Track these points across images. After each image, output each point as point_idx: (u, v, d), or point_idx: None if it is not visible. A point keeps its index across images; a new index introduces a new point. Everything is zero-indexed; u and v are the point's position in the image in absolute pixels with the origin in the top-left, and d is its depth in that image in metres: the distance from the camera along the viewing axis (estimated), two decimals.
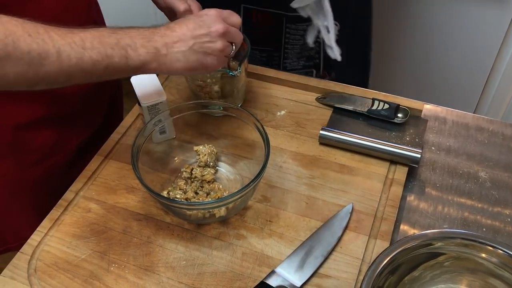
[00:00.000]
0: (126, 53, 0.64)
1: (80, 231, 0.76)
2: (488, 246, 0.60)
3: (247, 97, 0.95)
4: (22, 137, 0.84)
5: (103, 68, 0.63)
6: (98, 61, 0.62)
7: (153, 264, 0.72)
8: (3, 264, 0.73)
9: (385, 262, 0.59)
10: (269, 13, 1.03)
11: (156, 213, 0.78)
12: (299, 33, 1.04)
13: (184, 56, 0.68)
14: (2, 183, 0.88)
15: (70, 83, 0.64)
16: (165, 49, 0.67)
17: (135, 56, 0.65)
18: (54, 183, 0.81)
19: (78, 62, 0.61)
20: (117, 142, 0.88)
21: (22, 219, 0.76)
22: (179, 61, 0.68)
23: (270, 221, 0.76)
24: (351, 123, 0.88)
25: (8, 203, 0.92)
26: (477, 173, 0.83)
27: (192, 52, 0.69)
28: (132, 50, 0.65)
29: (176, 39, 0.68)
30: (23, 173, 0.87)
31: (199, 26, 0.70)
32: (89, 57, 0.61)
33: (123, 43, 0.64)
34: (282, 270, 0.69)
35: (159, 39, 0.67)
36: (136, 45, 0.65)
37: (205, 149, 0.82)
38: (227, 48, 0.72)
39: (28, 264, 0.72)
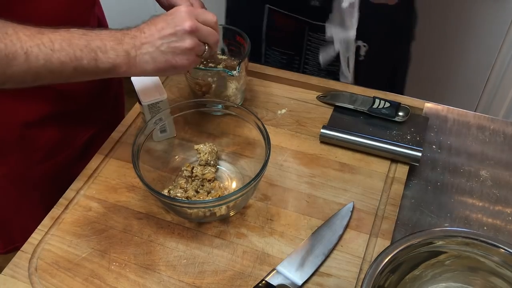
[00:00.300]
0: (95, 56, 0.64)
1: (80, 230, 0.76)
2: (489, 245, 0.60)
3: (248, 96, 0.95)
4: (29, 135, 0.84)
5: (72, 70, 0.63)
6: (66, 63, 0.62)
7: (153, 263, 0.71)
8: (5, 263, 0.73)
9: (386, 261, 0.59)
10: (293, 18, 1.02)
11: (157, 211, 0.78)
12: (321, 43, 1.03)
13: (151, 57, 0.68)
14: (10, 180, 0.88)
15: (38, 83, 0.64)
16: (134, 51, 0.67)
17: (104, 58, 0.65)
18: (60, 180, 0.81)
19: (46, 63, 0.61)
20: (117, 140, 0.88)
21: (29, 217, 0.76)
22: (147, 62, 0.68)
23: (270, 219, 0.76)
24: (352, 122, 0.88)
25: (15, 201, 0.92)
26: (478, 172, 0.83)
27: (160, 53, 0.68)
28: (102, 52, 0.64)
29: (144, 41, 0.68)
30: (30, 170, 0.87)
31: (167, 25, 0.69)
32: (57, 59, 0.61)
33: (93, 45, 0.64)
34: (283, 269, 0.69)
35: (129, 41, 0.67)
36: (106, 47, 0.65)
37: (206, 148, 0.82)
38: (198, 47, 0.70)
39: (29, 262, 0.72)
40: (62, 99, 0.85)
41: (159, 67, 0.69)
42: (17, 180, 0.88)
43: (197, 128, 0.85)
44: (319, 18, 0.98)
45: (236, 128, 0.84)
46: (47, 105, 0.84)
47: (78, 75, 0.64)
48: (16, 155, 0.85)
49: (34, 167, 0.87)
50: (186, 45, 0.69)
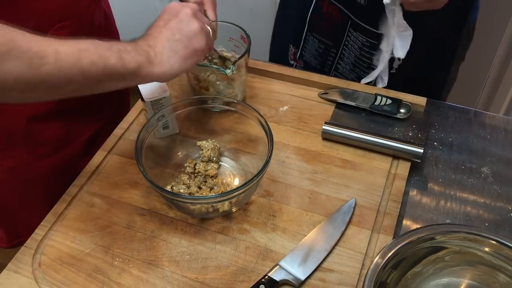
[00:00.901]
0: (120, 55, 0.63)
1: (84, 226, 0.76)
2: (491, 240, 0.60)
3: (249, 93, 0.95)
4: (35, 128, 0.85)
5: (102, 70, 0.62)
6: (96, 61, 0.61)
7: (157, 258, 0.72)
8: (6, 260, 0.73)
9: (389, 256, 0.60)
10: (338, 9, 1.01)
11: (160, 207, 0.78)
12: (358, 44, 1.02)
13: (171, 50, 0.68)
14: (15, 174, 0.89)
15: (69, 88, 0.63)
16: (152, 51, 0.67)
17: (129, 58, 0.64)
18: (65, 175, 0.81)
19: (77, 62, 0.60)
20: (120, 137, 0.88)
21: (34, 211, 0.77)
22: (170, 57, 0.67)
23: (273, 215, 0.76)
24: (354, 119, 0.89)
25: (20, 195, 0.92)
26: (479, 168, 0.84)
27: (176, 42, 0.68)
28: (125, 53, 0.64)
29: (156, 40, 0.68)
30: (35, 164, 0.88)
31: (168, 19, 0.69)
32: (86, 57, 0.61)
33: (115, 48, 0.64)
34: (286, 264, 0.69)
35: (142, 43, 0.67)
36: (126, 49, 0.65)
37: (208, 144, 0.82)
38: (205, 27, 0.72)
39: (32, 258, 0.72)
40: None
41: (182, 56, 0.68)
42: (22, 174, 0.89)
43: (199, 124, 0.86)
44: (361, 16, 0.97)
45: (238, 125, 0.84)
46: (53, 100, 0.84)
47: (108, 76, 0.63)
48: (21, 149, 0.86)
49: (39, 161, 0.88)
50: (196, 25, 0.69)
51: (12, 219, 0.98)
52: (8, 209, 0.97)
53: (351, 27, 1.01)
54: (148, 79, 0.68)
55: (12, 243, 0.99)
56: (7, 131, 0.84)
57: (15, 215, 0.96)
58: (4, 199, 0.95)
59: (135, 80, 0.67)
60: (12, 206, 0.95)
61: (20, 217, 0.94)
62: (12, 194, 0.93)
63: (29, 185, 0.90)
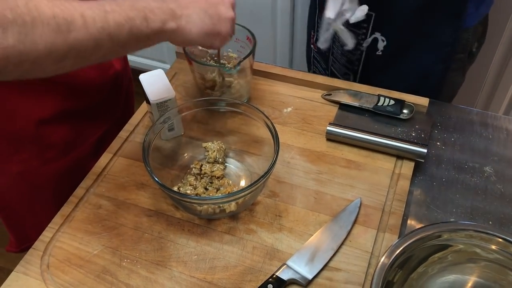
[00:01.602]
0: (145, 15, 0.63)
1: (91, 227, 0.76)
2: (498, 238, 0.61)
3: (254, 95, 0.96)
4: (44, 132, 0.85)
5: (127, 32, 0.62)
6: (121, 23, 0.61)
7: (164, 259, 0.72)
8: (9, 263, 0.73)
9: (397, 254, 0.60)
10: None
11: (167, 209, 0.78)
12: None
13: (199, 18, 0.67)
14: (24, 178, 0.89)
15: (99, 53, 0.61)
16: (180, 11, 0.66)
17: (153, 16, 0.64)
18: (73, 177, 0.82)
19: (104, 25, 0.59)
20: (125, 139, 0.89)
21: (43, 215, 0.77)
22: (194, 23, 0.67)
23: (279, 216, 0.77)
24: (357, 119, 0.89)
25: (30, 199, 0.93)
26: (482, 168, 0.84)
27: (207, 15, 0.68)
28: (149, 11, 0.63)
29: (189, 1, 0.68)
30: (44, 167, 0.88)
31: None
32: (112, 20, 0.60)
33: (139, 6, 0.63)
34: (293, 264, 0.70)
35: (171, 2, 0.66)
36: (151, 7, 0.64)
37: (214, 146, 0.83)
38: (234, 22, 0.72)
39: (40, 259, 0.73)
40: (75, 96, 0.86)
41: (205, 30, 0.68)
42: (31, 178, 0.89)
43: (204, 126, 0.86)
44: None
45: (243, 126, 0.85)
46: (61, 102, 0.85)
47: (133, 39, 0.63)
48: (31, 152, 0.86)
49: (47, 164, 0.88)
50: (231, 14, 0.71)
51: (21, 223, 0.98)
52: (17, 214, 0.97)
53: None
54: (170, 39, 0.68)
55: (22, 247, 1.00)
56: (17, 135, 0.84)
57: (24, 219, 0.96)
58: (13, 204, 0.95)
59: (158, 40, 0.67)
60: (21, 210, 0.96)
61: (29, 221, 0.94)
62: (21, 198, 0.93)
63: (37, 189, 0.91)
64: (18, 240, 1.01)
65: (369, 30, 1.00)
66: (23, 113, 0.83)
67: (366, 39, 1.01)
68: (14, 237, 1.04)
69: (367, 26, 1.00)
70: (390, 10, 0.96)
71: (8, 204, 0.98)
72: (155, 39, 0.66)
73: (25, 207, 0.94)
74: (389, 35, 1.00)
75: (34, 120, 0.83)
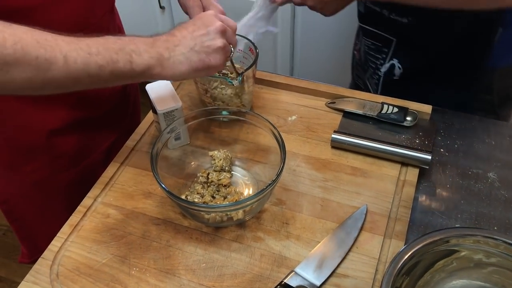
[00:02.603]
0: (130, 58, 0.66)
1: (100, 236, 0.77)
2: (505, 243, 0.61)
3: (258, 103, 0.97)
4: (55, 142, 0.86)
5: (109, 73, 0.65)
6: (104, 66, 0.64)
7: (173, 267, 0.73)
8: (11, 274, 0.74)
9: (405, 259, 0.61)
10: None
11: (174, 217, 0.79)
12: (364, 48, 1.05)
13: (186, 58, 0.69)
14: (38, 188, 0.90)
15: (77, 88, 0.66)
16: (168, 53, 0.68)
17: (139, 60, 0.66)
18: (84, 187, 0.83)
19: (85, 67, 0.62)
20: (132, 149, 0.90)
21: (54, 225, 0.78)
22: (182, 63, 0.69)
23: (286, 223, 0.77)
24: (362, 127, 0.90)
25: (41, 209, 0.93)
26: (486, 174, 0.85)
27: (194, 52, 0.70)
28: (136, 55, 0.66)
29: (177, 43, 0.69)
30: (56, 178, 0.89)
31: (198, 28, 0.71)
32: (95, 62, 0.63)
33: (128, 49, 0.66)
34: (301, 271, 0.70)
35: (161, 44, 0.69)
36: (139, 50, 0.66)
37: (220, 154, 0.84)
38: (227, 47, 0.73)
39: (50, 269, 0.73)
40: (86, 106, 0.87)
41: (194, 67, 0.70)
42: (43, 188, 0.90)
43: (210, 135, 0.87)
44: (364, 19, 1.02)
45: (248, 135, 0.86)
46: (72, 112, 0.86)
47: (114, 78, 0.66)
48: (42, 162, 0.87)
49: (60, 174, 0.89)
50: (219, 43, 0.71)
51: (33, 233, 0.99)
52: (30, 224, 0.98)
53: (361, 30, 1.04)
54: (155, 79, 0.70)
55: (34, 258, 1.00)
56: (29, 145, 0.86)
57: (36, 229, 0.97)
58: (26, 214, 0.96)
59: (142, 79, 0.69)
60: (34, 220, 0.96)
61: (41, 231, 0.95)
62: (34, 209, 0.94)
63: (49, 198, 0.92)
64: (30, 251, 1.01)
65: (389, 55, 1.02)
66: (35, 124, 0.84)
67: (384, 64, 1.03)
68: (26, 248, 1.04)
69: (387, 51, 1.01)
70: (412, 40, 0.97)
71: (21, 215, 0.98)
72: (141, 79, 0.69)
73: (38, 217, 0.95)
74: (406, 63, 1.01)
75: (46, 131, 0.84)
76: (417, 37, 0.96)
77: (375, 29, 1.01)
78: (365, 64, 1.11)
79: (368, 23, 1.02)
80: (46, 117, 0.86)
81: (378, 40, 1.02)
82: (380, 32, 1.00)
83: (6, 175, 0.92)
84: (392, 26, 0.96)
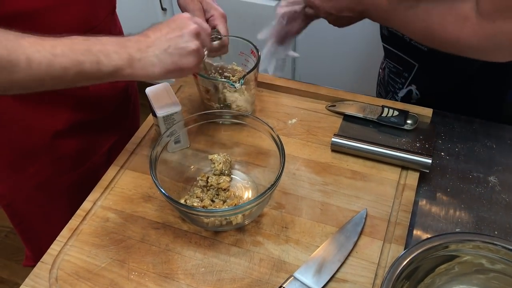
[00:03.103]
0: (97, 59, 0.65)
1: (99, 240, 0.77)
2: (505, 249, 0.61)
3: (258, 106, 0.97)
4: (58, 144, 0.87)
5: (74, 74, 0.64)
6: (69, 67, 0.63)
7: (172, 272, 0.73)
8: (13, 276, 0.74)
9: (404, 265, 0.61)
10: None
11: (174, 221, 0.79)
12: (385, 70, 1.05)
13: (159, 59, 0.69)
14: (41, 190, 0.90)
15: (42, 89, 0.65)
16: (139, 54, 0.68)
17: (107, 62, 0.66)
18: (86, 189, 0.83)
19: (48, 69, 0.62)
20: (132, 152, 0.90)
21: (58, 228, 0.78)
22: (154, 65, 0.69)
23: (285, 227, 0.77)
24: (362, 130, 0.90)
25: (46, 211, 0.94)
26: (486, 178, 0.85)
27: (168, 54, 0.69)
28: (104, 56, 0.65)
29: (150, 44, 0.69)
30: (60, 179, 0.89)
31: (172, 30, 0.70)
32: (59, 64, 0.62)
33: (95, 50, 0.65)
34: (300, 275, 0.70)
35: (132, 45, 0.68)
36: (108, 51, 0.66)
37: (220, 158, 0.84)
38: (201, 49, 0.73)
39: (49, 273, 0.73)
40: (88, 108, 0.88)
41: (166, 69, 0.70)
42: (47, 190, 0.90)
43: (210, 138, 0.87)
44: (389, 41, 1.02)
45: (248, 138, 0.86)
46: (74, 114, 0.86)
47: (81, 79, 0.65)
48: (46, 165, 0.88)
49: (63, 176, 0.90)
50: (193, 46, 0.70)
51: (37, 236, 0.99)
52: (33, 227, 0.98)
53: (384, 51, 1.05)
54: (127, 79, 0.70)
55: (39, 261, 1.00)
56: (32, 148, 0.86)
57: (40, 232, 0.97)
58: (30, 217, 0.96)
59: (112, 79, 0.69)
60: (37, 223, 0.97)
61: (45, 234, 0.95)
62: (37, 211, 0.94)
63: (53, 200, 0.92)
64: (34, 254, 1.02)
65: (408, 80, 1.01)
66: (38, 126, 0.84)
67: (402, 89, 1.03)
68: (30, 251, 1.04)
69: (407, 76, 1.01)
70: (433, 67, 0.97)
71: (25, 217, 0.99)
72: (109, 79, 0.68)
73: (41, 220, 0.95)
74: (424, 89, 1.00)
75: (49, 133, 0.85)
76: (437, 65, 0.96)
77: (398, 52, 1.01)
78: (387, 85, 1.11)
79: (392, 45, 1.02)
80: (49, 119, 0.86)
81: (401, 63, 1.01)
82: (403, 56, 1.00)
83: (9, 177, 0.93)
84: (414, 51, 0.96)
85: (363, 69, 1.78)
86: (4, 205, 0.98)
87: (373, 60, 1.28)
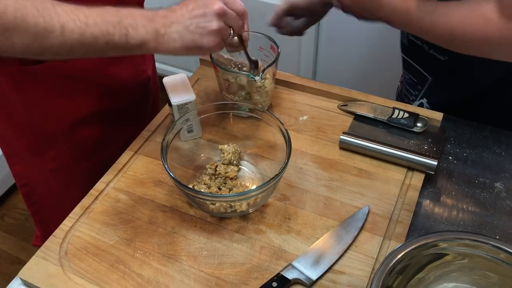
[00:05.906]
0: (126, 32, 0.68)
1: (109, 219, 0.80)
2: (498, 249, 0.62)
3: (273, 102, 0.99)
4: (78, 131, 0.90)
5: (103, 44, 0.67)
6: (99, 37, 0.66)
7: (176, 253, 0.75)
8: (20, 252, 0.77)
9: (395, 260, 0.62)
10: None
11: (181, 205, 0.82)
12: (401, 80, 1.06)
13: (180, 36, 0.72)
14: (57, 176, 0.94)
15: (72, 56, 0.69)
16: (164, 29, 0.71)
17: (135, 35, 0.69)
18: (100, 177, 0.85)
19: (80, 37, 0.65)
20: (146, 139, 0.93)
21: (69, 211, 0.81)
22: (175, 40, 0.72)
23: (288, 218, 0.79)
24: (371, 130, 0.91)
25: (60, 195, 0.97)
26: (493, 184, 0.85)
27: (188, 32, 0.72)
28: (133, 29, 0.69)
29: (174, 20, 0.72)
30: (76, 166, 0.93)
31: (197, 7, 0.73)
32: (90, 34, 0.66)
33: (125, 22, 0.68)
34: (299, 264, 0.72)
35: (159, 20, 0.71)
36: (137, 24, 0.69)
37: (230, 148, 0.86)
38: (224, 30, 0.74)
39: (59, 247, 0.77)
40: (109, 97, 0.91)
41: (186, 46, 0.72)
42: (63, 175, 0.93)
43: (222, 129, 0.90)
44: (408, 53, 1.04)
45: (259, 132, 0.88)
46: (95, 103, 0.89)
47: (109, 49, 0.69)
48: (64, 150, 0.91)
49: (79, 163, 0.93)
50: (214, 26, 0.72)
51: (49, 219, 1.02)
52: (46, 208, 1.02)
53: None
54: (150, 52, 0.73)
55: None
56: (51, 133, 0.89)
57: (52, 214, 1.01)
58: (43, 199, 1.00)
59: (137, 52, 0.72)
60: (50, 205, 1.00)
61: (56, 217, 0.99)
62: (51, 194, 0.97)
63: (67, 185, 0.95)
64: (44, 235, 1.05)
65: (421, 93, 1.03)
66: (58, 113, 0.88)
67: (415, 100, 1.05)
68: (40, 232, 1.08)
69: (420, 89, 1.03)
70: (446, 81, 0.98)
71: (39, 199, 1.02)
72: (135, 52, 0.72)
73: (54, 203, 0.98)
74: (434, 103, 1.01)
75: (69, 120, 0.88)
76: (452, 77, 0.97)
77: (415, 63, 1.02)
78: (404, 97, 1.12)
79: (410, 56, 1.03)
80: (70, 106, 0.89)
81: (415, 75, 1.03)
82: (419, 68, 1.01)
83: (28, 159, 0.96)
84: (431, 63, 0.97)
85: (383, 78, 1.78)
86: (20, 185, 1.02)
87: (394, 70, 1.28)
